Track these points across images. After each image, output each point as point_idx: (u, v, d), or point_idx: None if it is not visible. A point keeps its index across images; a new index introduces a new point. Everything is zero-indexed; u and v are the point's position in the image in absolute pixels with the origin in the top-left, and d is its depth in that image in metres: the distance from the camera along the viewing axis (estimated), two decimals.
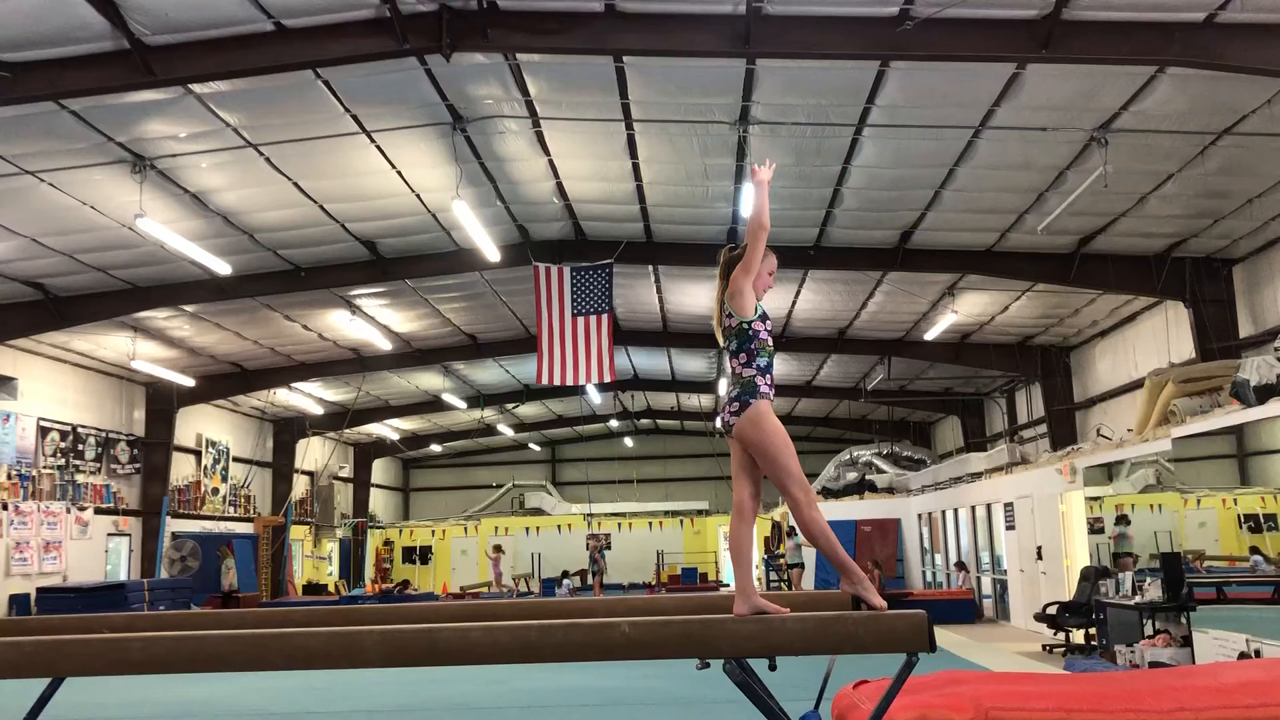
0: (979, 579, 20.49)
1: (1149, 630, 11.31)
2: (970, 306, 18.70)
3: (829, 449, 33.69)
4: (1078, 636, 13.67)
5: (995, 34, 9.59)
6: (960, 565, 21.57)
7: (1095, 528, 14.68)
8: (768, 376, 4.36)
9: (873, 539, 24.83)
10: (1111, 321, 18.84)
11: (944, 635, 15.22)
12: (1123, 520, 14.37)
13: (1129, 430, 15.92)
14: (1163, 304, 16.79)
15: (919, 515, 24.56)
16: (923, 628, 3.93)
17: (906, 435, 31.86)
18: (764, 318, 4.41)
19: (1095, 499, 14.81)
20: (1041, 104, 11.05)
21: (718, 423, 4.33)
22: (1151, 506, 14.49)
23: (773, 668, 4.27)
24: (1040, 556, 16.45)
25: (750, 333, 4.35)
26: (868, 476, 27.55)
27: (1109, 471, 14.82)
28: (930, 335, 19.93)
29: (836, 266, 17.00)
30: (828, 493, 27.27)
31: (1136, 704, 4.74)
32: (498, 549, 28.74)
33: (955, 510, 21.78)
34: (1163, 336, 17.00)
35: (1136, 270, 15.56)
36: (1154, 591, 11.35)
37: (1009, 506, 18.06)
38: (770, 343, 4.42)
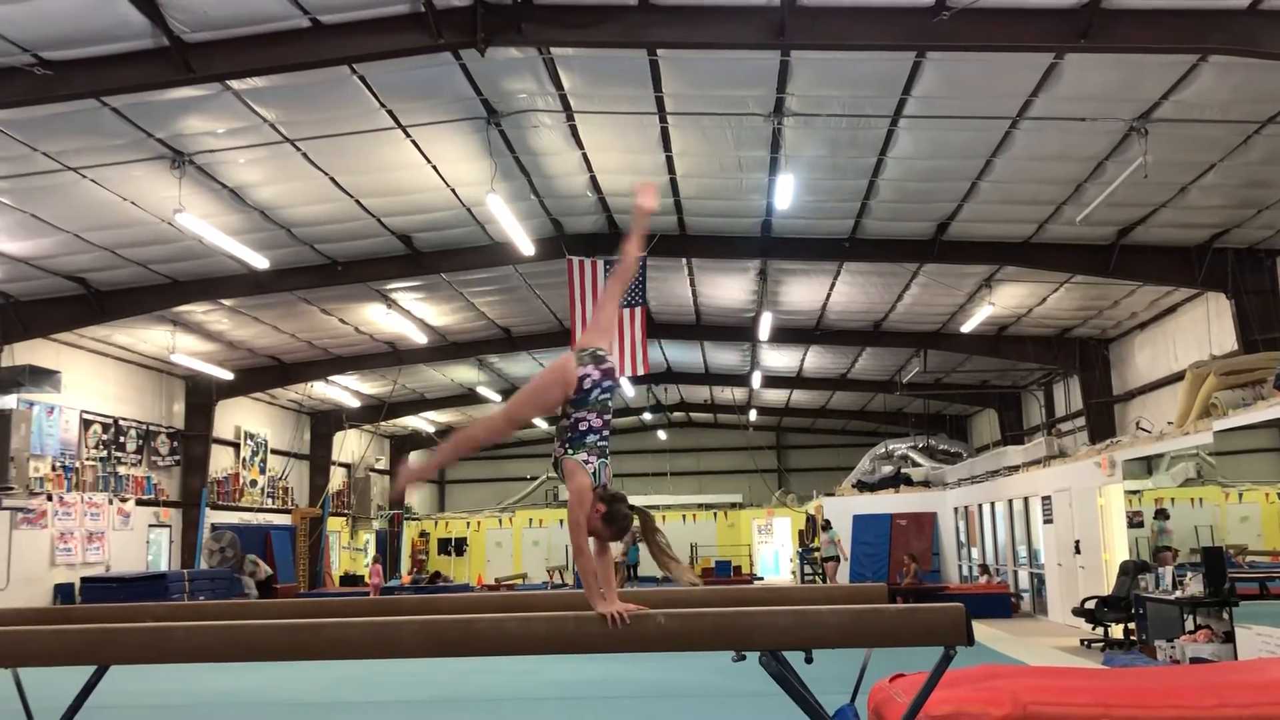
0: (1015, 573, 20.33)
1: (1190, 626, 11.18)
2: (1008, 299, 18.53)
3: (864, 442, 33.56)
4: (1116, 631, 13.53)
5: (1033, 23, 9.49)
6: (984, 569, 21.42)
7: (1134, 522, 14.52)
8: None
9: (908, 533, 24.67)
10: (1151, 313, 18.61)
11: (980, 630, 15.06)
12: (1161, 514, 14.21)
13: (1169, 423, 15.73)
14: (1204, 295, 16.55)
15: (955, 509, 24.38)
16: (960, 621, 3.91)
17: (943, 428, 31.65)
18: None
19: (1134, 493, 14.65)
20: (1080, 94, 10.92)
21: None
22: (1192, 500, 14.32)
23: (809, 660, 4.27)
24: (1078, 550, 16.30)
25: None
26: (903, 470, 27.39)
27: (1148, 465, 14.66)
28: (967, 328, 19.77)
29: (872, 259, 16.90)
30: (863, 486, 27.16)
31: (1178, 700, 4.69)
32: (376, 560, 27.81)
33: (992, 504, 21.62)
34: (1204, 328, 16.77)
35: (1177, 261, 15.35)
36: (1195, 586, 11.21)
37: (1046, 500, 17.90)
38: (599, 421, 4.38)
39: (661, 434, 39.26)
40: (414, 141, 12.54)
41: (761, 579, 30.64)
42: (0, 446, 16.42)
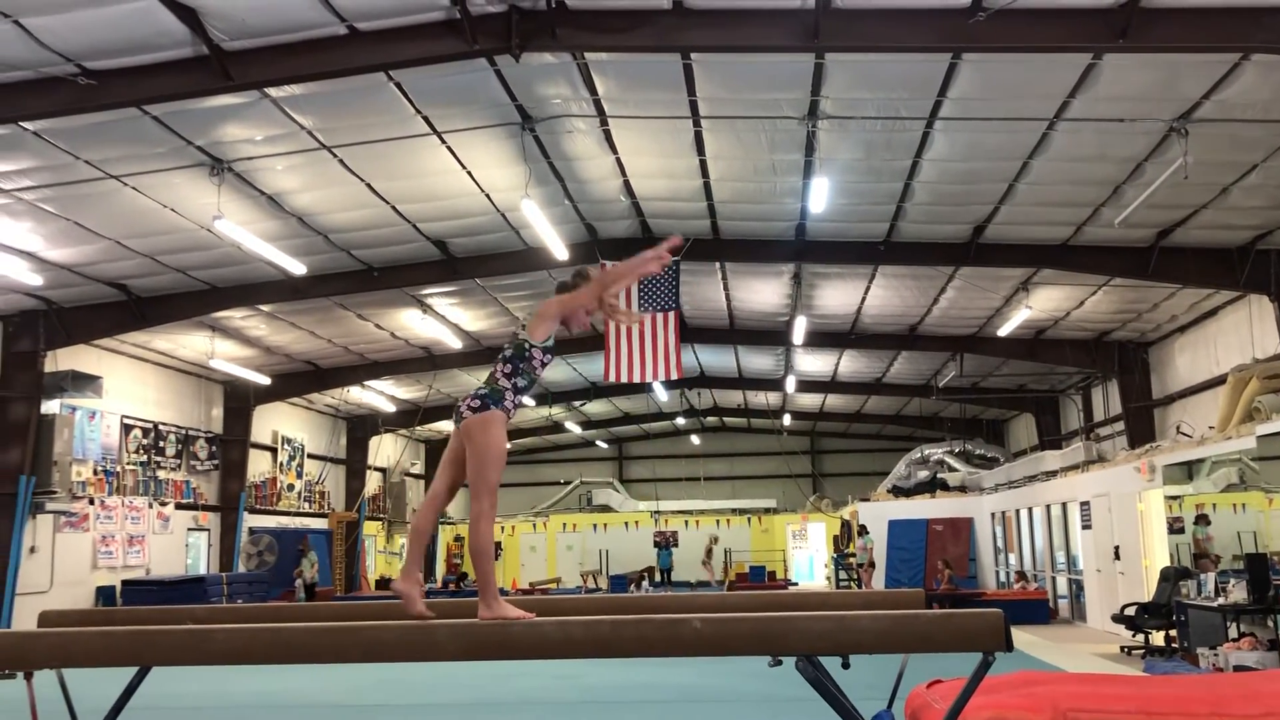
0: (1053, 579, 20.13)
1: (1233, 633, 11.02)
2: (1045, 302, 18.36)
3: (899, 447, 33.37)
4: (1157, 638, 13.37)
5: (1071, 24, 9.40)
6: (1020, 575, 21.22)
7: (1175, 527, 14.34)
8: (519, 397, 4.43)
9: (944, 538, 24.53)
10: (1192, 316, 18.36)
11: (1018, 636, 14.94)
12: (1202, 520, 14.02)
13: (1210, 428, 15.53)
14: (1246, 298, 16.32)
15: (992, 514, 24.20)
16: (999, 627, 3.88)
17: (979, 433, 31.41)
18: (548, 350, 4.49)
19: (1175, 498, 14.47)
20: (1118, 94, 10.81)
21: (455, 412, 4.33)
22: (1234, 506, 14.12)
23: (846, 666, 4.25)
24: (1118, 556, 16.12)
25: (527, 354, 4.43)
26: (939, 475, 27.23)
27: (1189, 470, 14.48)
28: (1003, 331, 19.61)
29: (907, 262, 16.80)
30: (898, 491, 27.01)
31: (1222, 708, 4.62)
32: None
33: (1030, 509, 21.43)
34: (1246, 331, 16.52)
35: (1218, 263, 15.13)
36: (1238, 593, 11.06)
37: (1085, 505, 17.73)
38: (539, 374, 4.50)
39: (695, 438, 39.21)
40: (449, 147, 12.61)
41: (796, 584, 30.51)
42: (44, 451, 16.64)
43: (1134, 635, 13.63)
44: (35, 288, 15.35)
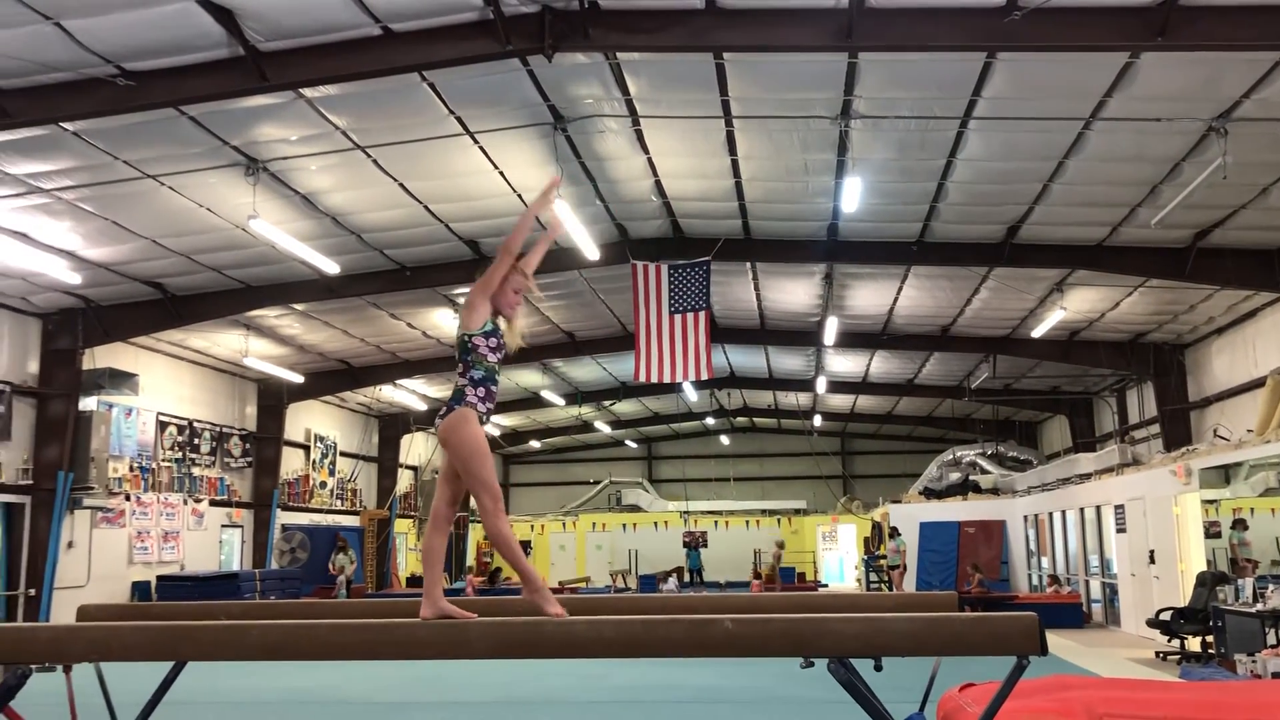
0: (1087, 583, 19.95)
1: (1272, 639, 10.88)
2: (1079, 303, 18.19)
3: (931, 449, 33.17)
4: (1193, 644, 13.22)
5: (1107, 23, 9.30)
6: (1054, 578, 21.03)
7: (1211, 532, 14.17)
8: (480, 389, 4.45)
9: (976, 540, 24.36)
10: (1229, 318, 18.13)
11: (1051, 640, 14.82)
12: (1239, 524, 13.85)
13: (1248, 431, 15.33)
14: None
15: (1025, 517, 24.01)
16: (1034, 630, 3.85)
17: (1012, 435, 31.17)
18: (490, 334, 4.51)
19: (1211, 502, 14.30)
20: (1156, 94, 10.69)
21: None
22: (1273, 510, 13.94)
23: (878, 668, 4.23)
24: (1153, 560, 15.95)
25: (469, 345, 4.47)
26: (971, 477, 27.05)
27: (1226, 474, 14.30)
28: (1037, 333, 19.45)
29: (940, 262, 16.69)
30: (930, 493, 26.85)
31: (1261, 715, 4.57)
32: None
33: (1063, 512, 21.25)
34: None
35: (1257, 264, 14.92)
36: (1277, 599, 10.92)
37: (1120, 509, 17.55)
38: (491, 359, 4.52)
39: (724, 439, 39.16)
40: (481, 147, 12.66)
41: (826, 586, 30.39)
42: (81, 447, 16.88)
43: (1169, 640, 13.49)
44: (74, 286, 15.56)
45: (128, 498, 18.68)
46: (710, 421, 36.49)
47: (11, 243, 13.57)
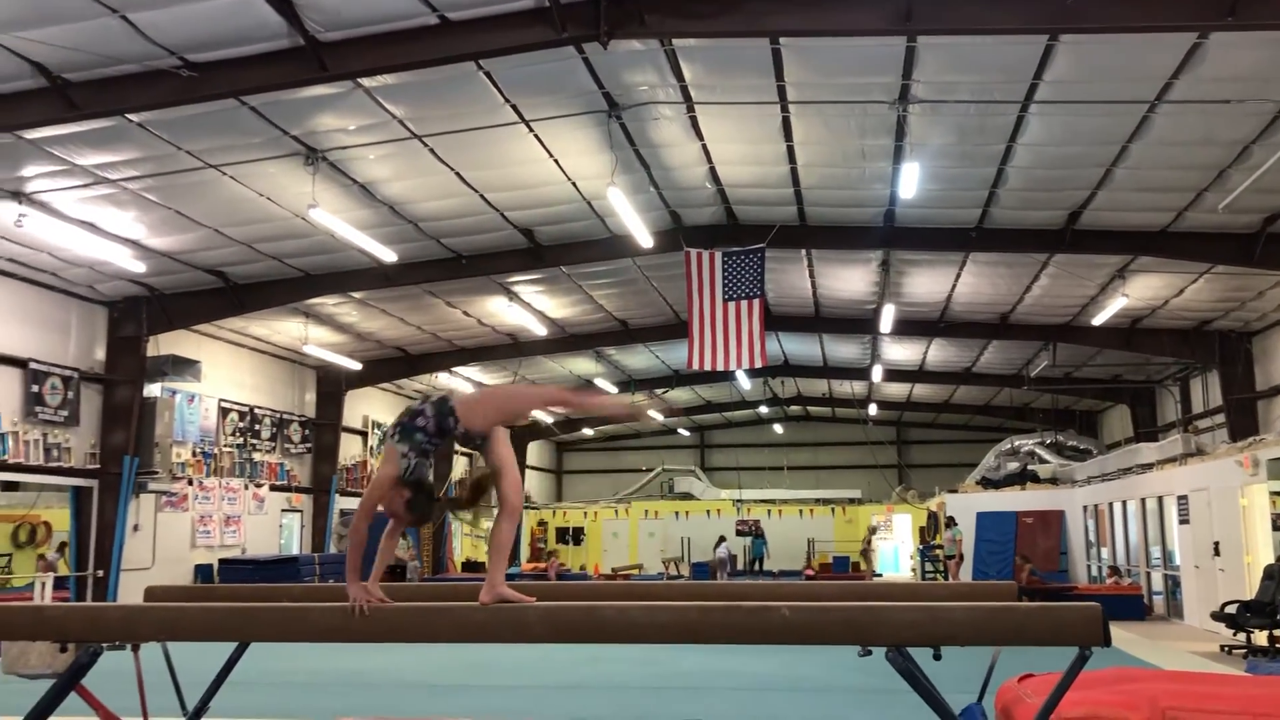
0: (1148, 574, 19.61)
1: None
2: (1142, 290, 17.84)
3: (989, 438, 32.78)
4: (1260, 638, 12.94)
5: (1174, 2, 9.09)
6: (1114, 570, 20.68)
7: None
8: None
9: (1034, 531, 24.04)
10: None
11: (1112, 632, 14.62)
12: None
13: None
14: None
15: (1084, 507, 23.64)
16: (1096, 620, 3.80)
17: (1072, 424, 30.68)
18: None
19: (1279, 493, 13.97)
20: (1224, 75, 10.42)
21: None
22: None
23: (937, 657, 4.20)
24: (1217, 553, 15.63)
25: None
26: (1029, 466, 26.67)
27: None
28: (1098, 320, 19.10)
29: (999, 249, 16.45)
30: (987, 482, 26.54)
31: None
32: None
33: (1124, 503, 20.89)
34: None
35: None
36: None
37: (1183, 500, 17.22)
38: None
39: (778, 428, 39.01)
40: (537, 136, 12.69)
41: (880, 575, 30.21)
42: (146, 433, 17.25)
43: (1235, 634, 13.22)
44: (139, 275, 15.89)
45: (190, 482, 19.07)
46: (764, 410, 36.36)
47: (79, 232, 13.89)
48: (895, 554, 36.35)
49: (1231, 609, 13.23)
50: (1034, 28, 9.67)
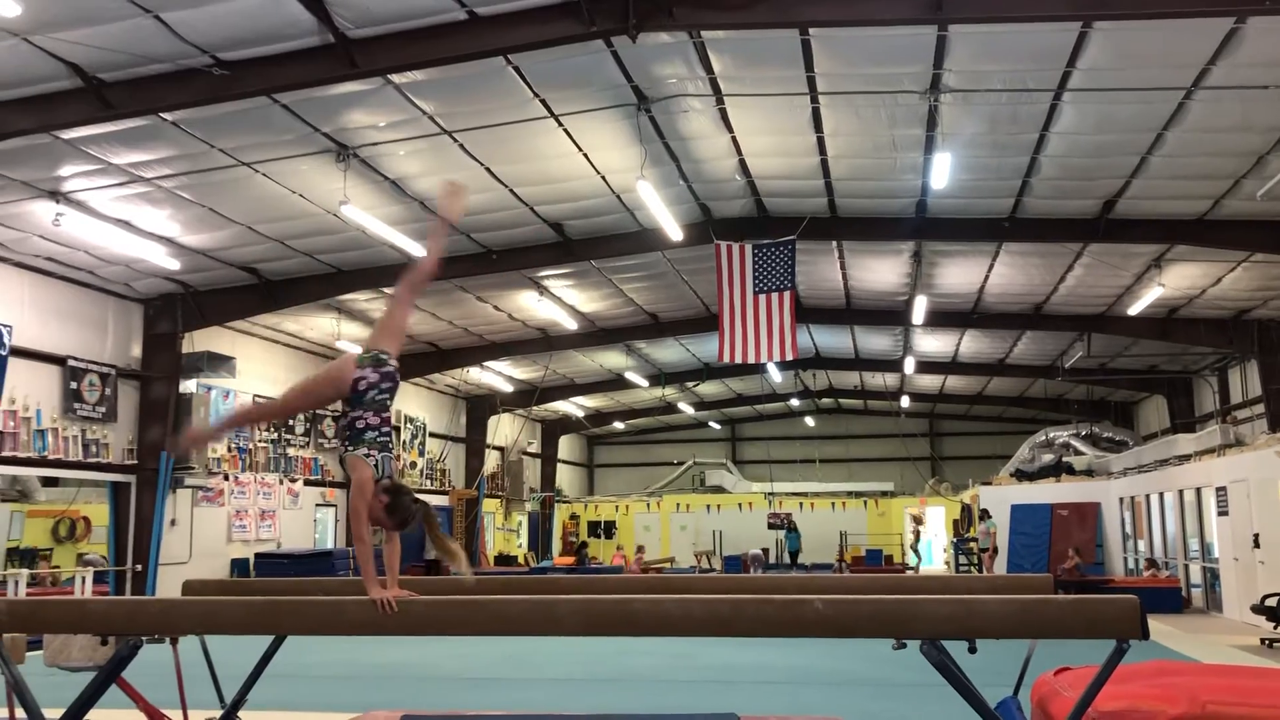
0: (1186, 567, 19.40)
1: None
2: (1178, 279, 17.62)
3: (1022, 429, 32.53)
4: None
5: None
6: (1151, 562, 20.46)
7: None
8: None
9: (1069, 523, 23.82)
10: None
11: (1149, 625, 14.49)
12: None
13: None
14: None
15: (1120, 499, 23.40)
16: (1134, 613, 3.76)
17: (1107, 415, 30.39)
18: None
19: None
20: (1263, 60, 10.26)
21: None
22: None
23: (972, 650, 4.17)
24: (1257, 545, 15.44)
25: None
26: (1065, 458, 26.44)
27: None
28: (1134, 310, 18.89)
29: (1033, 239, 16.29)
30: (1021, 474, 26.34)
31: None
32: None
33: (1161, 495, 20.67)
34: None
35: None
36: None
37: (1221, 491, 17.01)
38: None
39: (809, 420, 38.87)
40: (566, 130, 12.70)
41: (913, 568, 30.03)
42: (182, 428, 17.45)
43: (1275, 627, 13.07)
44: (173, 272, 16.05)
45: (226, 477, 19.26)
46: (795, 402, 36.25)
47: (115, 230, 14.05)
48: (929, 547, 36.15)
49: (1272, 602, 13.08)
50: (1067, 15, 9.57)
